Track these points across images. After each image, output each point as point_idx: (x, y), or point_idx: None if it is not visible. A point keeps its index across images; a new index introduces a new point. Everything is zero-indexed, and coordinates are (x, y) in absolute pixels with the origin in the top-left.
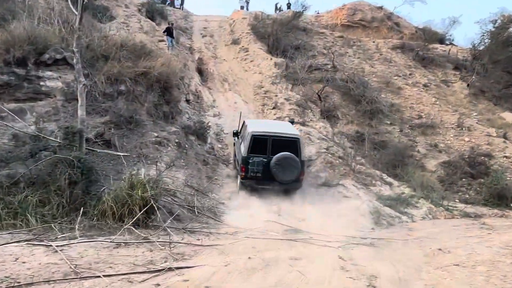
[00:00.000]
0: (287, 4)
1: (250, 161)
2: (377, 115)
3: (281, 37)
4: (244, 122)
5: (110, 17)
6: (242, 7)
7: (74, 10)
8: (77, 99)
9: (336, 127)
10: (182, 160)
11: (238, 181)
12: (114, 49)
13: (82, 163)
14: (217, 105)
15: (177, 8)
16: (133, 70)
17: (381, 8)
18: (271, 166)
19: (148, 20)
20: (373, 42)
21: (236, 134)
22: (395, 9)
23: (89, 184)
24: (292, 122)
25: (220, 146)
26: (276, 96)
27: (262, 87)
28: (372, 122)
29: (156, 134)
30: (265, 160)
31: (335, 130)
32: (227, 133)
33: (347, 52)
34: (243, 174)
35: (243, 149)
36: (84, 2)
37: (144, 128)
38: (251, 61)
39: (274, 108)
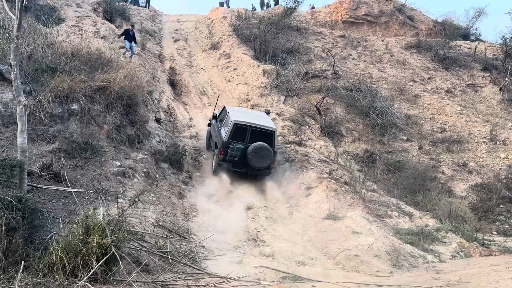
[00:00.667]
0: None
1: (230, 146)
2: (390, 130)
3: (269, 39)
4: (224, 107)
5: (58, 20)
6: (222, 4)
7: (10, 14)
8: (16, 123)
9: (340, 146)
10: (152, 194)
11: (215, 162)
12: (64, 59)
13: (23, 204)
14: (195, 124)
15: (142, 7)
16: (88, 84)
17: None
18: (247, 153)
19: (106, 22)
20: (382, 41)
21: (214, 117)
22: (406, 0)
23: (33, 231)
24: (267, 113)
25: (199, 174)
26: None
27: (249, 101)
28: (384, 138)
29: (118, 163)
30: (243, 147)
31: (339, 149)
32: (207, 158)
33: (351, 55)
34: (222, 156)
35: (224, 134)
36: (24, 3)
37: (103, 156)
38: (235, 69)
39: None
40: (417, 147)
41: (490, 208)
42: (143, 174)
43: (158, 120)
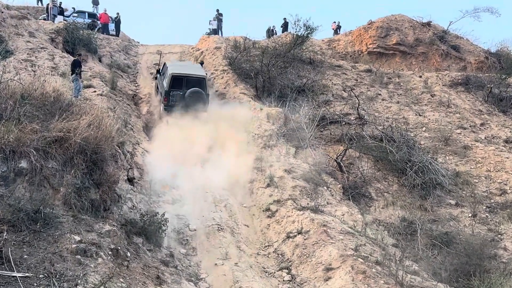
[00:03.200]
0: (282, 24)
1: (171, 94)
2: (433, 192)
3: (275, 75)
4: (165, 63)
5: (4, 53)
6: (213, 32)
7: None
8: None
9: (369, 213)
10: (122, 279)
11: (162, 107)
12: (11, 103)
13: None
14: (178, 184)
15: (112, 35)
16: (42, 135)
17: (428, 24)
18: (185, 97)
19: (67, 55)
20: (420, 76)
21: (158, 71)
22: (451, 25)
23: None
24: (201, 63)
25: (184, 251)
26: (271, 166)
27: (249, 153)
28: (426, 202)
29: (78, 238)
30: (181, 93)
31: (367, 218)
32: (195, 229)
33: (380, 94)
34: (166, 102)
35: (165, 85)
36: None
37: (59, 229)
38: (232, 115)
39: (268, 186)
40: (470, 215)
41: None
42: (110, 252)
43: (131, 180)
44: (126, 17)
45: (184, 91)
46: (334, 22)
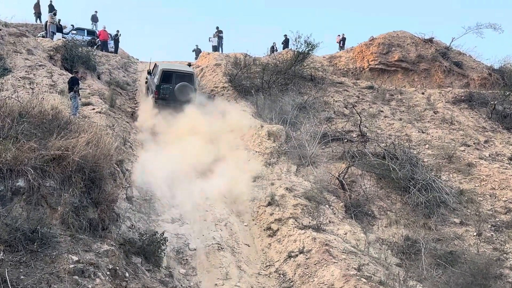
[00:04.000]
0: (283, 41)
1: (161, 87)
2: (437, 210)
3: (276, 92)
4: (155, 63)
5: (3, 70)
6: (214, 48)
7: None
8: None
9: (372, 232)
10: None
11: (153, 100)
12: (9, 121)
13: None
14: (178, 203)
15: (111, 52)
16: (40, 153)
17: (431, 41)
18: (175, 91)
19: (66, 72)
20: (422, 93)
21: (149, 72)
22: (453, 41)
23: None
24: (189, 65)
25: (183, 271)
26: (272, 185)
27: (250, 171)
28: (430, 221)
29: (75, 258)
30: (171, 87)
31: (370, 236)
32: (195, 249)
33: (382, 111)
34: (156, 96)
35: (156, 80)
36: None
37: (56, 249)
38: (231, 130)
39: (269, 204)
40: (474, 233)
41: None
42: (108, 273)
43: (129, 199)
44: (125, 34)
45: (173, 85)
46: (339, 35)
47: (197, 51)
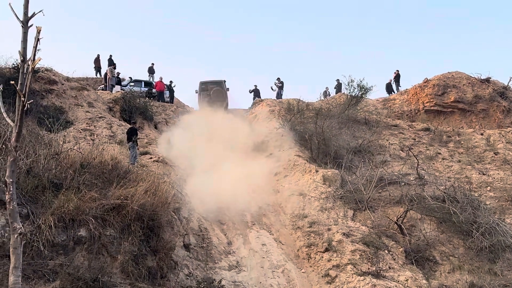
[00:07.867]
0: (336, 86)
1: (201, 94)
2: (502, 254)
3: (330, 136)
4: (199, 82)
5: (65, 123)
6: (278, 95)
7: (8, 120)
8: (8, 256)
9: (434, 278)
10: None
11: (199, 102)
12: (71, 172)
13: None
14: (235, 250)
15: (167, 102)
16: (100, 203)
17: (487, 80)
18: (211, 95)
19: (124, 123)
20: (481, 134)
21: (196, 91)
22: (511, 80)
23: None
24: (224, 81)
25: None
26: (329, 230)
27: (305, 217)
28: (495, 266)
29: None
30: (207, 93)
31: (433, 283)
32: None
33: (440, 153)
34: (201, 98)
35: (199, 89)
36: (26, 107)
37: None
38: (285, 176)
39: (326, 250)
40: None
41: None
42: None
43: (187, 246)
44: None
45: (209, 92)
46: (395, 72)
47: (256, 92)
